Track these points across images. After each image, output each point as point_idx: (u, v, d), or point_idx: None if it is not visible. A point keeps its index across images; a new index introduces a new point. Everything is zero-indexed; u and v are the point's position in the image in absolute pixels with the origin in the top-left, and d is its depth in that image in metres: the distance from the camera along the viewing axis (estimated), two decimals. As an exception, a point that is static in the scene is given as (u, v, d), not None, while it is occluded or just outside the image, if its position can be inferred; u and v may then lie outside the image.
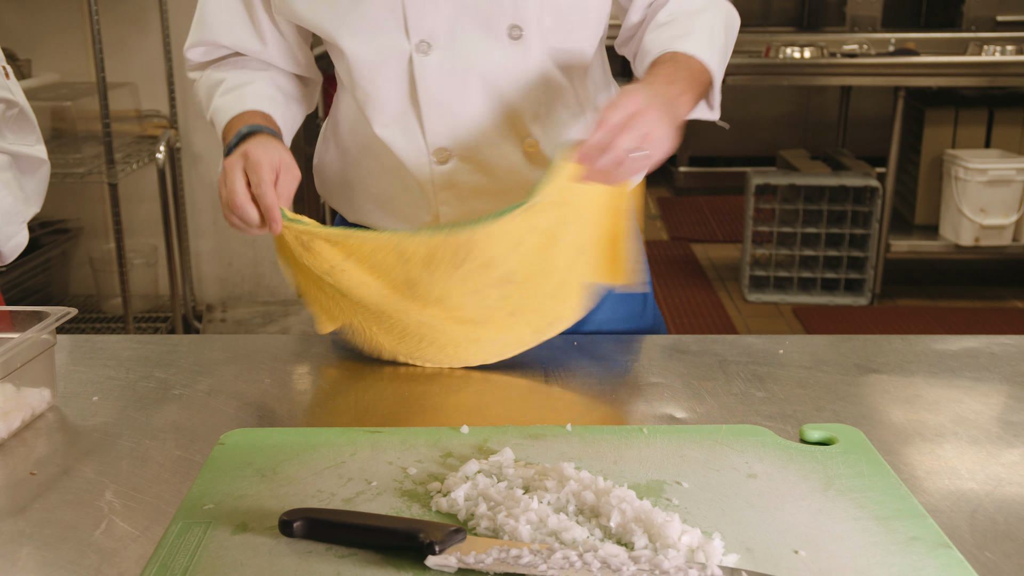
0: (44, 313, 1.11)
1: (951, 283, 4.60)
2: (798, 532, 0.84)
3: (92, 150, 3.30)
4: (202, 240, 3.96)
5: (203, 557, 0.81)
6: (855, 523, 0.86)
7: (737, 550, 0.81)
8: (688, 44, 1.24)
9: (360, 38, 1.25)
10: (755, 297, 4.35)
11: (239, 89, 1.31)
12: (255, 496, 0.91)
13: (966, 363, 1.26)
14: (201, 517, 0.87)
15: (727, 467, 0.96)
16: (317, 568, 0.79)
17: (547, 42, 1.26)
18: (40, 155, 1.38)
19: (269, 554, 0.81)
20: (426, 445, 1.01)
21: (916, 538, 0.83)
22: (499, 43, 1.24)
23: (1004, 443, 1.04)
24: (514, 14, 1.23)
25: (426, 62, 1.24)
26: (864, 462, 0.97)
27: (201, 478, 0.94)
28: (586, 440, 1.02)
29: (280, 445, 1.01)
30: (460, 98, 1.26)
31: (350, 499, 0.90)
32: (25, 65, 3.48)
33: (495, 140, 1.29)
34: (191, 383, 1.20)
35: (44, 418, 1.11)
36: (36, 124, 1.38)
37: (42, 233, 3.67)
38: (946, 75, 4.16)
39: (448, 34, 1.24)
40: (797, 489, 0.91)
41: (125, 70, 3.69)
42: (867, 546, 0.82)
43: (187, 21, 1.38)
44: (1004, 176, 4.09)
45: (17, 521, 0.90)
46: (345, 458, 0.98)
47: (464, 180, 1.31)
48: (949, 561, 0.80)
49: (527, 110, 1.28)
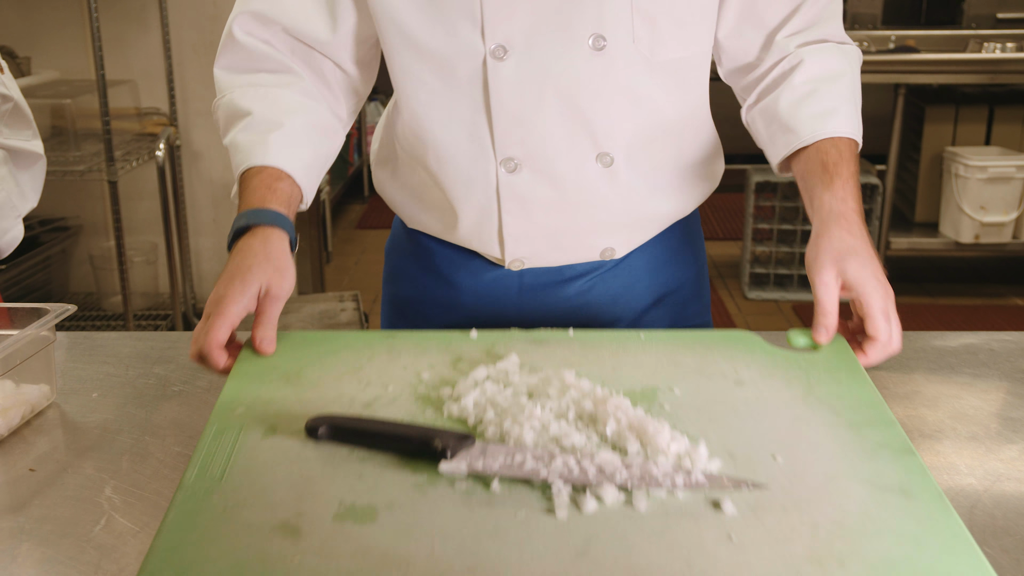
0: (43, 310, 1.11)
1: (951, 280, 4.60)
2: (777, 438, 0.91)
3: (92, 148, 3.30)
4: (202, 238, 3.96)
5: (238, 460, 0.87)
6: (830, 430, 0.92)
7: (720, 455, 0.88)
8: (839, 124, 1.21)
9: (434, 35, 1.19)
10: (755, 295, 4.35)
11: (265, 134, 1.19)
12: (282, 401, 0.98)
13: (965, 359, 1.26)
14: (234, 421, 0.94)
15: (717, 374, 1.02)
16: (341, 468, 0.87)
17: (636, 53, 1.19)
18: (36, 150, 1.38)
19: (297, 457, 0.88)
20: (438, 349, 1.08)
21: (883, 445, 0.90)
22: (580, 52, 1.17)
23: (1003, 439, 1.05)
24: (598, 23, 1.16)
25: (501, 67, 1.18)
26: (843, 369, 1.04)
27: (231, 382, 1.01)
28: (587, 346, 1.08)
29: (302, 348, 1.08)
30: (534, 107, 1.20)
31: (369, 403, 0.98)
32: (25, 62, 3.48)
33: (568, 152, 1.23)
34: (191, 380, 1.20)
35: (44, 415, 1.11)
36: (32, 119, 1.37)
37: (42, 231, 3.67)
38: (946, 72, 4.16)
39: (526, 40, 1.17)
40: (780, 396, 0.99)
41: (125, 67, 3.69)
42: (838, 453, 0.89)
43: (186, 18, 1.36)
44: (1004, 173, 4.09)
45: (17, 517, 0.90)
46: (363, 363, 1.05)
47: (533, 191, 1.24)
48: (910, 467, 0.86)
49: (606, 123, 1.22)
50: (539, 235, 1.29)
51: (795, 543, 0.76)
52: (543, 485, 0.83)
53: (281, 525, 0.78)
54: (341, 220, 5.53)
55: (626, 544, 0.76)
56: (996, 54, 4.25)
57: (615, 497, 0.81)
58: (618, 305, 1.36)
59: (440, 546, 0.76)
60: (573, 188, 1.25)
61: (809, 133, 1.21)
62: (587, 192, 1.25)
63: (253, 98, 1.23)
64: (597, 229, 1.30)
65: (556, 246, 1.31)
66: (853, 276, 1.09)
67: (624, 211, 1.29)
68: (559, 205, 1.26)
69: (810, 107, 1.22)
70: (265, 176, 1.17)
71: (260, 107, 1.21)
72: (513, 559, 0.75)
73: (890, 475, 0.85)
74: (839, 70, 1.25)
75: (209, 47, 3.74)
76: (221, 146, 1.26)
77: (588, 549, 0.76)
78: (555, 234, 1.29)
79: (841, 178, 1.17)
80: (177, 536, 0.77)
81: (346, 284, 4.61)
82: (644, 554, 0.75)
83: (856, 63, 1.29)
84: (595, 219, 1.29)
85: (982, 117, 4.35)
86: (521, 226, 1.28)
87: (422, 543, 0.76)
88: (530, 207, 1.26)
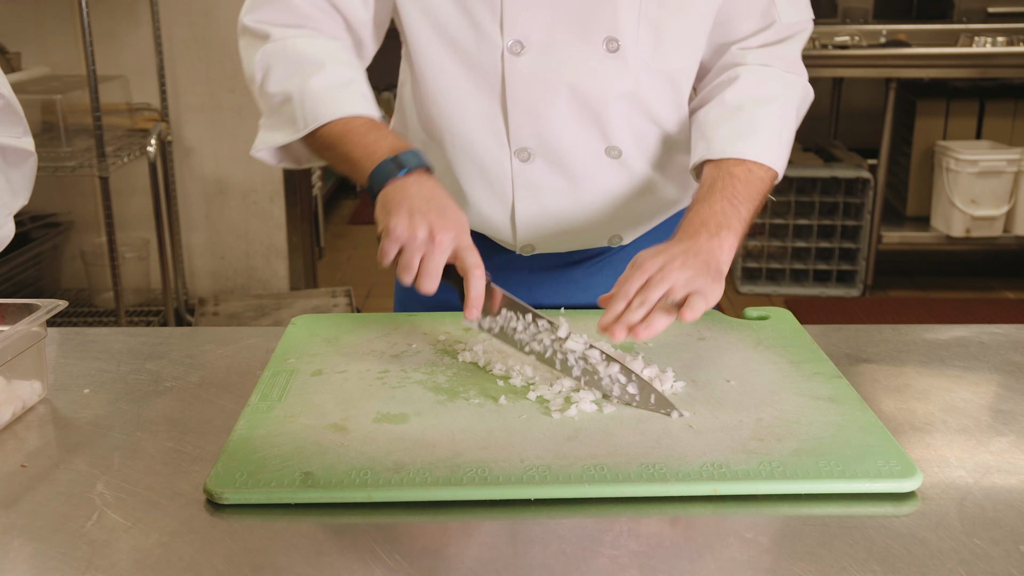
0: (34, 306, 1.11)
1: (942, 274, 4.62)
2: (731, 370, 1.14)
3: (83, 143, 3.29)
4: (194, 233, 3.95)
5: (291, 389, 1.10)
6: (774, 365, 1.16)
7: (684, 380, 1.11)
8: (752, 148, 1.23)
9: (459, 26, 1.24)
10: (747, 289, 4.36)
11: (346, 86, 1.23)
12: (325, 355, 1.20)
13: (956, 352, 1.26)
14: (286, 367, 1.16)
15: (683, 334, 1.25)
16: (378, 392, 1.09)
17: (644, 59, 1.25)
18: (27, 147, 1.37)
19: (341, 387, 1.11)
20: (452, 322, 1.29)
21: (818, 373, 1.14)
22: (594, 53, 1.23)
23: (993, 431, 1.05)
24: (612, 27, 1.22)
25: (518, 63, 1.23)
26: (788, 331, 1.26)
27: (281, 345, 1.23)
28: (575, 319, 1.24)
29: (339, 324, 1.30)
30: (549, 102, 1.25)
31: (397, 355, 1.19)
32: (15, 58, 3.46)
33: (579, 144, 1.29)
34: (182, 375, 1.20)
35: (35, 411, 1.11)
36: (23, 116, 1.37)
37: (33, 227, 3.66)
38: (937, 67, 4.17)
39: (543, 38, 1.22)
40: (734, 346, 1.22)
41: (116, 63, 3.68)
42: (781, 378, 1.12)
43: (178, 14, 1.36)
44: (995, 167, 4.11)
45: (8, 513, 0.90)
46: (390, 331, 1.27)
47: (544, 179, 1.31)
48: (839, 386, 1.10)
49: (614, 120, 1.28)
50: (550, 223, 1.35)
51: (743, 430, 1.00)
52: (540, 399, 1.06)
53: (331, 426, 1.01)
54: (333, 216, 5.53)
55: (607, 432, 1.00)
56: (987, 48, 4.26)
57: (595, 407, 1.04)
58: None
59: (460, 436, 0.99)
60: (584, 178, 1.31)
61: (719, 149, 1.24)
62: (597, 183, 1.31)
63: (321, 49, 1.25)
64: (606, 218, 1.36)
65: (566, 233, 1.36)
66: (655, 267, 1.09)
67: (631, 201, 1.35)
68: (570, 194, 1.32)
69: (730, 124, 1.25)
70: (365, 122, 1.21)
71: (330, 60, 1.24)
72: (517, 443, 0.97)
73: (822, 391, 1.09)
74: (772, 95, 1.28)
75: (200, 42, 3.73)
76: (212, 141, 1.27)
77: (577, 435, 0.99)
78: (566, 222, 1.35)
79: (724, 195, 1.19)
80: (247, 433, 0.99)
81: (338, 280, 4.60)
82: (621, 438, 0.98)
83: (795, 94, 1.31)
84: (604, 208, 1.35)
85: (973, 111, 4.36)
86: (533, 214, 1.33)
87: (445, 435, 0.99)
88: (543, 196, 1.31)
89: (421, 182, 1.15)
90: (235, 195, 3.90)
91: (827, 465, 0.93)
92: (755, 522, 0.87)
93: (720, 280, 1.12)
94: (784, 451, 0.95)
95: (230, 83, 3.76)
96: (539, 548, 0.83)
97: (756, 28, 1.30)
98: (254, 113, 1.34)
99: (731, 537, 0.85)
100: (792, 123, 1.30)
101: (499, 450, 0.95)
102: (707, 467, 0.92)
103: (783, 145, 1.27)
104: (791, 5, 1.31)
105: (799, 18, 1.32)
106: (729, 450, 0.95)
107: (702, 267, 1.11)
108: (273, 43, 1.26)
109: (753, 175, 1.22)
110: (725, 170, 1.22)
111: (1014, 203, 4.19)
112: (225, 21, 3.71)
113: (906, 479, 0.91)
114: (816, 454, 0.95)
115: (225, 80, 3.77)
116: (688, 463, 0.93)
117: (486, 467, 0.92)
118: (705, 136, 1.26)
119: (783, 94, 1.29)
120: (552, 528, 0.86)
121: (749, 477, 0.91)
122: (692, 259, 1.11)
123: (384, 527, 0.86)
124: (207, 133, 3.81)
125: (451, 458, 0.94)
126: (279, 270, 4.05)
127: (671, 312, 1.08)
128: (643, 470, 0.92)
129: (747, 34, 1.31)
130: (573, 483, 0.90)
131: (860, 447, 0.96)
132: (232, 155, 3.84)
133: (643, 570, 0.80)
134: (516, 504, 0.89)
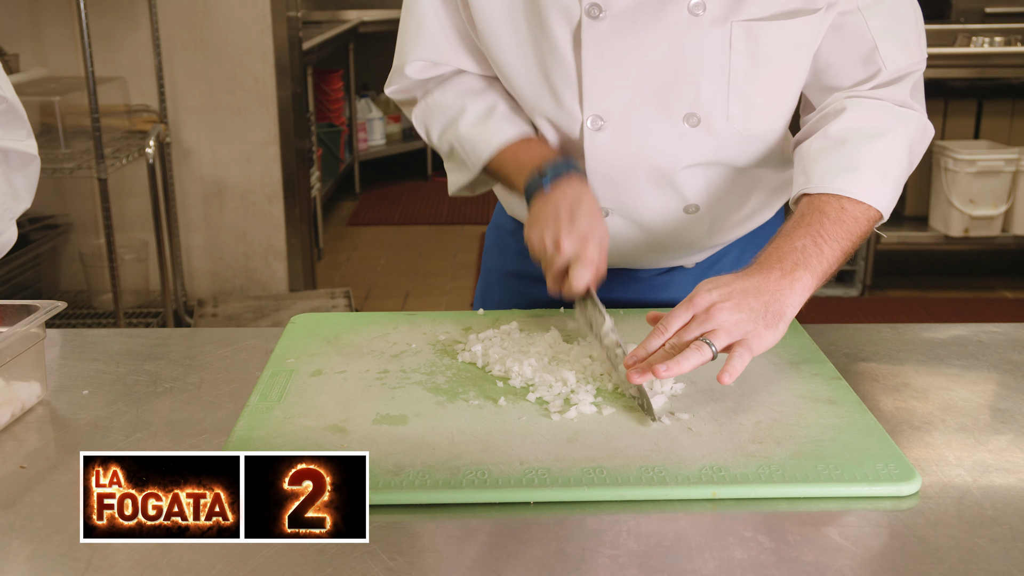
0: (33, 307, 1.11)
1: (941, 274, 4.62)
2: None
3: (81, 145, 3.29)
4: (193, 235, 3.95)
5: (291, 389, 1.10)
6: (773, 366, 1.16)
7: (683, 381, 1.11)
8: (851, 184, 1.13)
9: (541, 98, 1.25)
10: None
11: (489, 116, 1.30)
12: (324, 354, 1.20)
13: (955, 351, 1.26)
14: (285, 367, 1.16)
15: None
16: (377, 393, 1.09)
17: (730, 129, 1.23)
18: (30, 150, 1.37)
19: (340, 387, 1.12)
20: (451, 321, 1.30)
21: (817, 374, 1.14)
22: (674, 128, 1.22)
23: (992, 430, 1.05)
24: (694, 103, 1.20)
25: (597, 137, 1.23)
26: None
27: (280, 344, 1.23)
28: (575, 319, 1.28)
29: (338, 323, 1.30)
30: (628, 173, 1.26)
31: (397, 355, 1.19)
32: (13, 60, 3.46)
33: (657, 208, 1.29)
34: (181, 376, 1.20)
35: (34, 412, 1.11)
36: (26, 119, 1.37)
37: (31, 229, 3.66)
38: (935, 66, 4.16)
39: (622, 114, 1.22)
40: None
41: (114, 64, 3.68)
42: (780, 379, 1.12)
43: (176, 15, 1.36)
44: (993, 167, 4.11)
45: (7, 514, 0.90)
46: (389, 331, 1.27)
47: (621, 231, 1.32)
48: (838, 387, 1.10)
49: (695, 183, 1.28)
50: (623, 259, 1.38)
51: (742, 433, 1.00)
52: (540, 400, 1.06)
53: (330, 427, 1.02)
54: (332, 217, 5.52)
55: (606, 435, 0.99)
56: (985, 48, 4.26)
57: (594, 409, 1.04)
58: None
59: (459, 438, 0.99)
60: (660, 232, 1.33)
61: (817, 183, 1.15)
62: (673, 232, 1.33)
63: (451, 90, 1.34)
64: (678, 256, 1.40)
65: (639, 263, 1.40)
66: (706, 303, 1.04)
67: (704, 242, 1.37)
68: (646, 242, 1.34)
69: (832, 158, 1.16)
70: (518, 144, 1.27)
71: (468, 97, 1.32)
72: (516, 445, 0.97)
73: (821, 392, 1.09)
74: (880, 128, 1.18)
75: (199, 43, 3.73)
76: (211, 143, 1.29)
77: (576, 438, 0.99)
78: (640, 261, 1.39)
79: (809, 232, 1.10)
80: (247, 434, 1.00)
81: (337, 281, 4.60)
82: (620, 440, 0.98)
83: (909, 128, 1.21)
84: (677, 251, 1.38)
85: (971, 111, 4.36)
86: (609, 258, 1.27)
87: (444, 437, 0.99)
88: (619, 244, 1.34)
89: (563, 191, 1.18)
90: (234, 196, 3.90)
91: (826, 468, 0.93)
92: (754, 521, 0.87)
93: (776, 326, 1.04)
94: (783, 454, 0.95)
95: (228, 84, 3.76)
96: (538, 548, 0.83)
97: (860, 79, 1.22)
98: (252, 114, 1.35)
99: (730, 536, 0.85)
100: (904, 160, 1.19)
101: (499, 452, 0.95)
102: (706, 470, 0.92)
103: (889, 184, 1.16)
104: (899, 47, 1.21)
105: (909, 61, 1.22)
106: (728, 453, 0.95)
107: (758, 310, 1.03)
108: (420, 104, 1.37)
109: (847, 213, 1.12)
110: (816, 205, 1.13)
111: (1012, 203, 4.19)
112: (224, 22, 3.71)
113: (905, 483, 0.91)
114: (815, 457, 0.95)
115: (224, 81, 3.76)
116: (687, 466, 0.93)
117: (486, 470, 0.92)
118: (805, 170, 1.18)
119: (894, 127, 1.19)
120: (552, 528, 0.86)
121: (748, 480, 0.91)
122: (750, 300, 1.03)
123: (383, 526, 0.86)
124: (206, 134, 3.81)
125: (451, 460, 0.94)
126: (278, 271, 4.05)
127: (701, 353, 1.00)
128: (642, 473, 0.92)
129: (851, 84, 1.23)
130: (572, 486, 0.90)
131: (859, 450, 0.96)
132: (231, 156, 3.84)
133: (643, 569, 0.81)
134: (516, 504, 0.90)
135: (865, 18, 1.19)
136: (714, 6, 1.16)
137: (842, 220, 1.12)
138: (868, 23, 1.19)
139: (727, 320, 1.02)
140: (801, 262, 1.08)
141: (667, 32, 1.17)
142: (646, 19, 1.17)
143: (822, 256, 1.09)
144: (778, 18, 1.17)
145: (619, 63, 1.19)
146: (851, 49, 1.21)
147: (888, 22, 1.20)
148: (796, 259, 1.08)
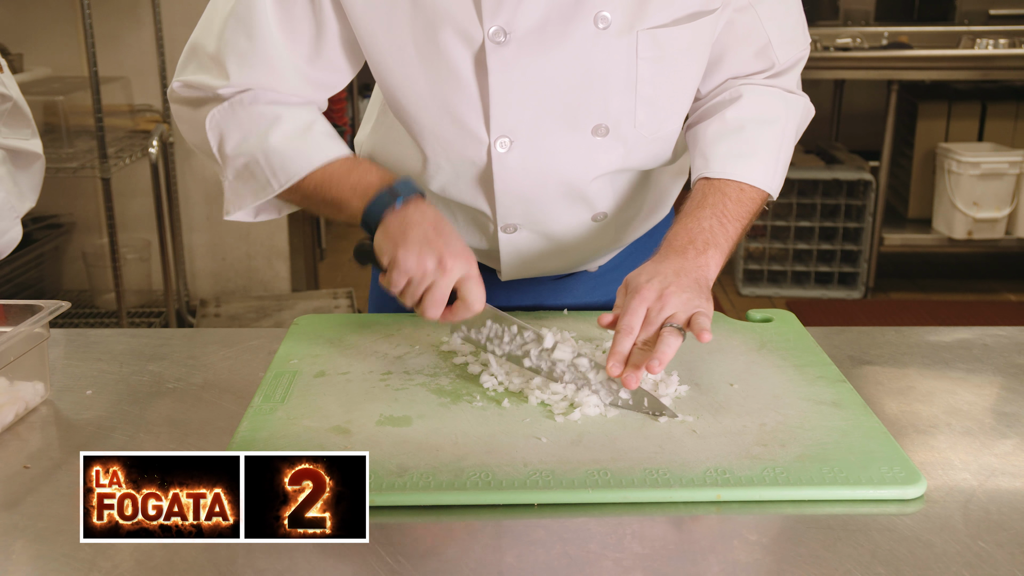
0: (37, 307, 1.11)
1: (944, 276, 4.62)
2: (734, 373, 1.15)
3: (84, 145, 3.29)
4: (195, 235, 3.95)
5: (294, 390, 1.11)
6: (778, 368, 1.17)
7: (688, 383, 1.11)
8: (750, 170, 1.22)
9: (440, 123, 1.21)
10: (749, 291, 4.35)
11: (308, 130, 1.20)
12: (328, 356, 1.20)
13: (959, 355, 1.26)
14: (288, 368, 1.17)
15: (688, 337, 1.13)
16: (381, 394, 1.10)
17: (637, 135, 1.23)
18: (35, 149, 1.37)
19: (344, 388, 1.12)
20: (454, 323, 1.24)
21: (822, 377, 1.14)
22: (583, 141, 1.22)
23: (997, 434, 1.05)
24: (603, 114, 1.20)
25: (507, 158, 1.21)
26: (792, 334, 1.26)
27: (284, 345, 1.23)
28: (578, 319, 1.31)
29: (342, 324, 1.31)
30: (539, 189, 1.25)
31: (400, 357, 1.20)
32: (17, 59, 3.46)
33: (566, 219, 1.29)
34: (185, 376, 1.20)
35: (37, 412, 1.11)
36: (31, 118, 1.37)
37: (35, 228, 3.66)
38: (939, 69, 4.17)
39: (531, 132, 1.20)
40: (737, 349, 1.22)
41: (117, 64, 3.68)
42: (784, 382, 1.13)
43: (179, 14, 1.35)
44: (997, 169, 4.10)
45: (11, 515, 0.90)
46: (393, 332, 1.28)
47: (530, 245, 1.32)
48: (843, 390, 1.10)
49: (603, 191, 1.28)
50: (533, 269, 1.37)
51: (746, 435, 1.00)
52: (543, 404, 1.06)
53: (334, 428, 1.02)
54: (335, 217, 5.52)
55: (611, 437, 1.00)
56: (988, 50, 4.26)
57: (599, 410, 1.04)
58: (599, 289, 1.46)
59: (463, 440, 0.99)
60: (569, 242, 1.33)
61: (717, 168, 1.23)
62: (582, 241, 1.33)
63: (269, 102, 1.21)
64: (585, 261, 1.40)
65: (549, 270, 1.40)
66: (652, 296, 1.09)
67: (611, 246, 1.39)
68: (555, 253, 1.34)
69: (729, 144, 1.24)
70: (342, 163, 1.19)
71: (284, 109, 1.21)
72: (520, 447, 0.97)
73: (826, 395, 1.09)
74: (773, 116, 1.27)
75: (202, 44, 3.72)
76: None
77: (580, 440, 0.99)
78: (547, 269, 1.39)
79: (714, 213, 1.19)
80: (250, 435, 1.00)
81: (339, 281, 4.60)
82: (625, 442, 0.98)
83: (796, 114, 1.30)
84: (587, 255, 1.38)
85: (975, 113, 4.36)
86: (515, 267, 1.35)
87: (448, 438, 0.99)
88: (529, 259, 1.34)
89: (422, 210, 1.14)
90: (237, 196, 3.89)
91: (830, 471, 0.93)
92: (759, 524, 0.87)
93: (709, 297, 1.13)
94: (787, 457, 0.95)
95: (232, 84, 3.75)
96: (542, 550, 0.83)
97: (754, 70, 1.28)
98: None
99: (735, 539, 0.85)
100: (791, 144, 1.30)
101: (502, 454, 0.95)
102: (711, 473, 0.92)
103: (780, 167, 1.26)
104: (789, 40, 1.28)
105: (797, 52, 1.30)
106: (733, 455, 0.95)
107: (695, 286, 1.11)
108: (222, 106, 1.22)
109: (745, 195, 1.22)
110: (717, 187, 1.22)
111: (1016, 205, 4.18)
112: (227, 22, 3.70)
113: (910, 486, 0.91)
114: (819, 460, 0.95)
115: (227, 81, 3.75)
116: (691, 469, 0.93)
117: (489, 472, 0.92)
118: (703, 153, 1.25)
119: (785, 115, 1.28)
120: (556, 530, 0.86)
121: (752, 483, 0.91)
122: (685, 279, 1.11)
123: (387, 528, 0.86)
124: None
125: (455, 462, 0.94)
126: (280, 271, 4.05)
127: (677, 336, 1.06)
128: (647, 475, 0.92)
129: (745, 74, 1.29)
130: (576, 488, 0.90)
131: (864, 453, 0.96)
132: (234, 156, 3.83)
133: (647, 572, 0.80)
134: (520, 506, 0.89)
135: (758, 13, 1.25)
136: (618, 18, 1.16)
137: (741, 201, 1.22)
138: (761, 18, 1.25)
139: (678, 301, 1.09)
140: (711, 241, 1.17)
141: (575, 48, 1.16)
142: (552, 38, 1.15)
143: (727, 234, 1.19)
144: (680, 22, 1.18)
145: (527, 83, 1.17)
146: (746, 43, 1.27)
147: (778, 13, 1.27)
148: (706, 239, 1.17)
